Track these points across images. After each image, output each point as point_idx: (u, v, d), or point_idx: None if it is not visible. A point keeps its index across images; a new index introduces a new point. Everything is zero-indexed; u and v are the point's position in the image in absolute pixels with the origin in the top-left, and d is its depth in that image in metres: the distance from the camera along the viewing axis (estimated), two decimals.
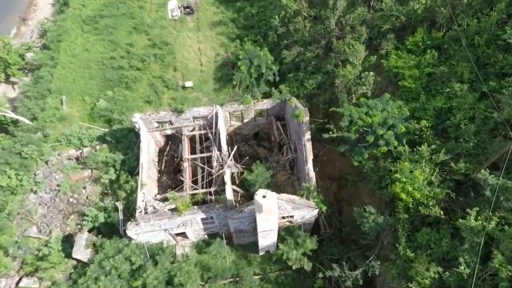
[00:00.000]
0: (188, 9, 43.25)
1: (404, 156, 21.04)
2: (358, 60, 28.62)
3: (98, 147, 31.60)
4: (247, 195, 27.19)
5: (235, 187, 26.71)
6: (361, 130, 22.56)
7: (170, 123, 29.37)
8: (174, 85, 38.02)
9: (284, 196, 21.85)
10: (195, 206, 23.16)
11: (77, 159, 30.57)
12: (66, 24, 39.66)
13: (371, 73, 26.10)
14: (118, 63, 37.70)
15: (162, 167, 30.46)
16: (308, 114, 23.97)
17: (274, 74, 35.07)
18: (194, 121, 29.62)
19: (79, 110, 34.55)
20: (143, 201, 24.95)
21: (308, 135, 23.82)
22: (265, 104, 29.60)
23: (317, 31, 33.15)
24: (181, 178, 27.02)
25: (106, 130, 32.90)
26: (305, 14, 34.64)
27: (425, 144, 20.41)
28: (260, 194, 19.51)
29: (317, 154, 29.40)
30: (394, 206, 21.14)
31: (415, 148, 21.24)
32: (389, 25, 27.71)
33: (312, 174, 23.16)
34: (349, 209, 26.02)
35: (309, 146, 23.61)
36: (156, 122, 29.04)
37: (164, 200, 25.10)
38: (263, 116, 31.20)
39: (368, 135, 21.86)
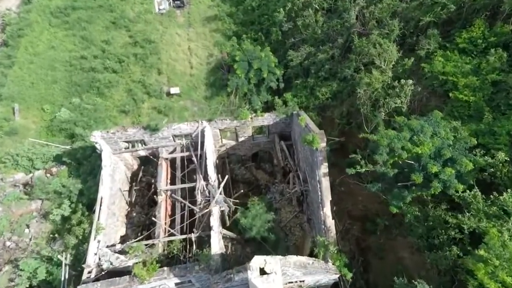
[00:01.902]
0: (178, 2, 36.19)
1: (476, 208, 13.70)
2: (388, 63, 21.44)
3: (54, 169, 24.44)
4: (242, 240, 19.97)
5: (225, 231, 19.54)
6: (400, 162, 15.33)
7: (143, 142, 22.26)
8: (157, 91, 30.84)
9: (293, 260, 14.64)
10: (165, 269, 16.04)
11: (25, 185, 23.43)
12: (30, 16, 32.56)
13: (410, 81, 18.87)
14: (90, 64, 30.54)
15: (133, 198, 23.28)
16: (325, 139, 16.85)
17: (277, 80, 27.89)
18: (174, 140, 22.48)
19: (36, 121, 27.40)
20: (96, 254, 17.77)
21: (324, 168, 16.70)
22: (266, 119, 22.50)
23: (332, 26, 25.95)
24: (154, 218, 19.91)
25: (68, 147, 25.74)
26: (317, 6, 27.44)
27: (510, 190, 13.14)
28: (256, 268, 12.27)
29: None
30: (462, 284, 13.74)
31: (486, 194, 14.00)
32: (432, 16, 20.50)
33: (330, 222, 16.03)
34: (380, 265, 18.84)
35: (326, 183, 16.48)
36: (125, 141, 21.91)
37: (127, 252, 17.97)
38: (263, 134, 24.01)
39: (414, 172, 14.65)
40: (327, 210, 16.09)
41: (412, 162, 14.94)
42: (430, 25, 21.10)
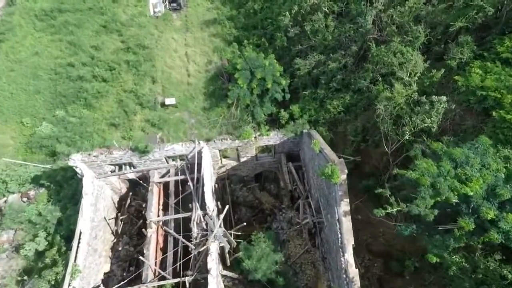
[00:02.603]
0: (175, 4, 33.25)
1: None
2: (412, 75, 18.42)
3: (32, 193, 21.27)
4: (245, 280, 16.85)
5: (225, 272, 16.44)
6: (440, 200, 12.22)
7: (131, 165, 19.15)
8: (151, 102, 27.78)
9: None
10: None
11: None
12: (13, 19, 29.44)
13: (444, 98, 15.79)
14: (77, 72, 27.41)
15: (120, 228, 20.13)
16: (345, 170, 13.69)
17: (283, 91, 24.82)
18: (167, 162, 19.38)
19: (15, 136, 24.24)
20: None
21: (345, 205, 13.54)
22: (272, 139, 19.44)
23: (345, 32, 22.92)
24: (141, 257, 16.76)
25: (48, 167, 22.61)
26: (327, 9, 24.47)
27: None
28: None
29: None
30: None
31: None
32: (464, 22, 17.49)
33: (353, 272, 12.88)
34: None
35: (347, 224, 13.32)
36: (110, 164, 18.78)
37: None
38: (268, 153, 20.89)
39: (461, 215, 11.59)
40: (349, 256, 13.02)
41: (458, 202, 11.83)
42: (461, 31, 18.08)
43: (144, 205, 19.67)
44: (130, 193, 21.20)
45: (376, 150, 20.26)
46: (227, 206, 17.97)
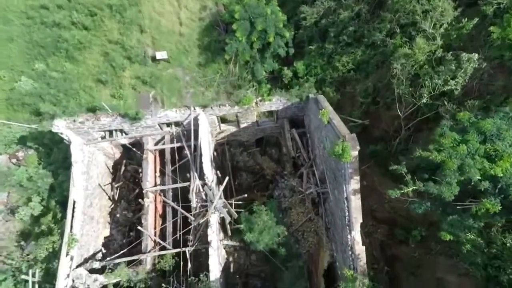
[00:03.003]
0: None
1: None
2: (438, 26, 16.00)
3: (21, 154, 19.87)
4: (246, 246, 16.50)
5: (226, 242, 15.96)
6: (464, 178, 11.07)
7: (123, 132, 17.47)
8: (140, 56, 25.05)
9: None
10: None
11: None
12: None
13: (475, 55, 13.79)
14: (53, 17, 24.03)
15: (117, 193, 19.17)
16: (357, 146, 12.14)
17: (286, 45, 22.16)
18: (162, 129, 17.71)
19: None
20: (68, 276, 14.15)
21: (355, 183, 12.31)
22: (275, 104, 17.54)
23: None
24: (139, 227, 16.04)
25: (34, 126, 20.86)
26: None
27: None
28: None
29: None
30: None
31: None
32: None
33: (359, 249, 12.25)
34: (412, 282, 15.64)
35: (356, 202, 12.26)
36: (100, 131, 17.05)
37: (105, 270, 14.34)
38: (270, 119, 19.15)
39: (486, 195, 10.56)
40: (356, 234, 12.29)
41: (484, 181, 10.67)
42: None
43: (140, 170, 18.45)
44: (124, 161, 19.86)
45: (387, 113, 18.66)
46: (227, 178, 16.87)
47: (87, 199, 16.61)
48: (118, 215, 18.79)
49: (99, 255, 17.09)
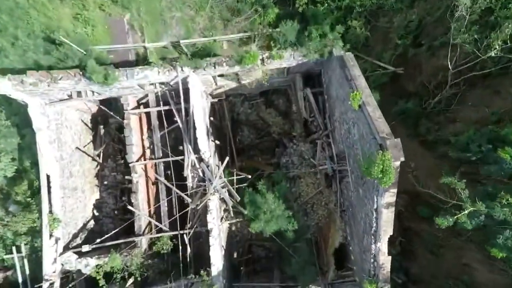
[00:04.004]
0: None
1: None
2: None
3: None
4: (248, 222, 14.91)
5: (228, 222, 14.19)
6: None
7: (93, 92, 13.31)
8: None
9: None
10: None
11: None
12: None
13: None
14: None
15: (101, 155, 16.29)
16: (402, 155, 8.75)
17: None
18: (143, 88, 13.52)
19: None
20: (55, 260, 12.68)
21: (390, 197, 9.44)
22: (286, 61, 12.88)
23: None
24: (129, 206, 13.79)
25: None
26: None
27: None
28: None
29: None
30: None
31: None
32: None
33: (384, 260, 10.45)
34: (430, 260, 14.66)
35: (388, 216, 9.69)
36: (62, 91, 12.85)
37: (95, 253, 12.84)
38: (279, 75, 14.58)
39: None
40: (382, 245, 10.36)
41: None
42: None
43: (124, 123, 15.04)
44: (100, 119, 16.15)
45: (432, 61, 14.45)
46: (227, 158, 13.79)
47: (64, 170, 13.94)
48: (107, 174, 16.47)
49: (91, 224, 15.55)
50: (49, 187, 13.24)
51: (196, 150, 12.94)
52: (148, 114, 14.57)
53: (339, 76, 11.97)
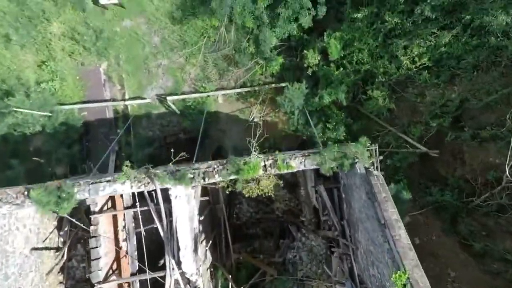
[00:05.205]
0: None
1: None
2: None
3: None
4: None
5: None
6: None
7: None
8: None
9: None
10: None
11: None
12: None
13: None
14: None
15: (67, 243, 13.06)
16: None
17: (317, 1, 12.54)
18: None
19: None
20: None
21: None
22: (296, 168, 9.55)
23: None
24: None
25: None
26: None
27: None
28: None
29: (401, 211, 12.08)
30: None
31: None
32: None
33: None
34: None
35: None
36: None
37: None
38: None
39: None
40: None
41: None
42: None
43: (91, 231, 11.47)
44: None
45: (479, 153, 11.41)
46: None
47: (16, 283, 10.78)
48: (75, 268, 13.31)
49: None
50: None
51: (180, 263, 9.91)
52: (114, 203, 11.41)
53: (364, 198, 8.95)
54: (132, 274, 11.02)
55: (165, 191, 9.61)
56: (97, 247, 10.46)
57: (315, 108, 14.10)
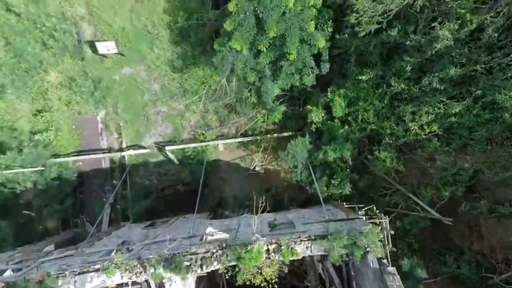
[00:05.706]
0: None
1: None
2: None
3: None
4: None
5: None
6: None
7: None
8: (71, 40, 14.79)
9: None
10: None
11: None
12: None
13: None
14: None
15: None
16: None
17: (318, 59, 12.04)
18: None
19: None
20: None
21: None
22: (302, 254, 8.95)
23: None
24: None
25: None
26: None
27: None
28: None
29: None
30: None
31: None
32: None
33: None
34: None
35: None
36: None
37: None
38: None
39: None
40: None
41: None
42: None
43: None
44: None
45: (496, 229, 10.65)
46: None
47: None
48: None
49: None
50: None
51: None
52: None
53: (372, 279, 8.23)
54: None
55: None
56: None
57: (319, 163, 13.56)
